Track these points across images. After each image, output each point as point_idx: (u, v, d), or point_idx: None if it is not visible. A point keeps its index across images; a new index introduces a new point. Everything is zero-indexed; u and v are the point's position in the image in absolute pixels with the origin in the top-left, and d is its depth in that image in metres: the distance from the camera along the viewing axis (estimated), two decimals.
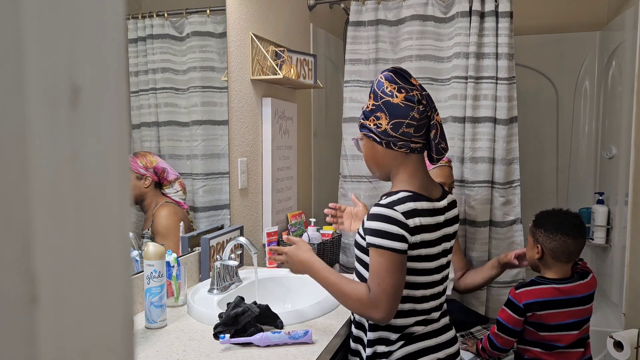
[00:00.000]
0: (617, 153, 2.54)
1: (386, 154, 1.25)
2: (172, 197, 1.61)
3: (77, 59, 0.26)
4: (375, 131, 1.24)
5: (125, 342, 0.30)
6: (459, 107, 2.20)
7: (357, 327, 1.33)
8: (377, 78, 1.27)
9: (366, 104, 1.28)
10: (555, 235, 1.61)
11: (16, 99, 0.23)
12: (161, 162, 1.58)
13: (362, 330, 1.31)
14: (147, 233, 1.54)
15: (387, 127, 1.22)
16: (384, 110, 1.22)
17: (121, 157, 0.29)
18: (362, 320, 1.31)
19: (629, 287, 2.26)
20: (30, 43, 0.24)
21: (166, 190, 1.59)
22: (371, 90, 1.26)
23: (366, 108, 1.27)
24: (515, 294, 1.63)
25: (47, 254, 0.24)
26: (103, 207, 0.28)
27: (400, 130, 1.21)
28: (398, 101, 1.21)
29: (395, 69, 1.26)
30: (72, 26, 0.26)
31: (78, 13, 0.26)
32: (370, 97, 1.26)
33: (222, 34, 1.82)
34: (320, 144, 2.74)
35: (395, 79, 1.23)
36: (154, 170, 1.54)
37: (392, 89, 1.22)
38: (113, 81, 0.28)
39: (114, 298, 0.29)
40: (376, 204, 1.20)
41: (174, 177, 1.61)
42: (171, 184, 1.60)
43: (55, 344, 0.25)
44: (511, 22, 2.16)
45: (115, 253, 0.29)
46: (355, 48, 2.38)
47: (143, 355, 1.18)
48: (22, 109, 0.23)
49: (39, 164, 0.24)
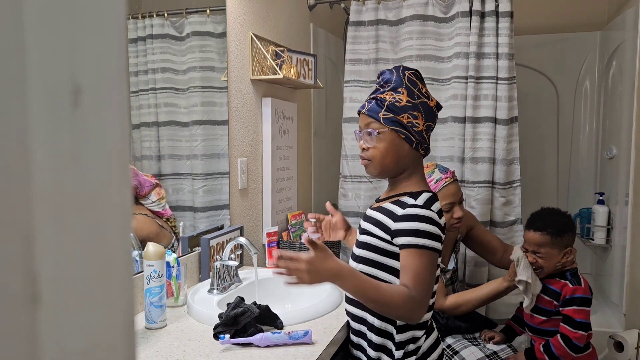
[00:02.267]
0: (617, 153, 2.54)
1: (410, 153, 1.25)
2: (150, 209, 1.56)
3: (78, 58, 0.26)
4: (411, 130, 1.23)
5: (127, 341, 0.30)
6: (459, 107, 2.20)
7: (379, 333, 1.26)
8: (405, 74, 1.24)
9: (392, 97, 1.23)
10: (575, 230, 1.73)
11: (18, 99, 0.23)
12: (135, 176, 1.51)
13: (386, 336, 1.25)
14: None
15: (423, 128, 1.24)
16: (421, 111, 1.23)
17: (122, 157, 0.29)
18: (386, 326, 1.25)
19: (629, 287, 2.26)
20: (31, 43, 0.24)
21: (143, 202, 1.55)
22: (402, 85, 1.23)
23: (396, 102, 1.22)
24: (587, 289, 1.66)
25: (48, 254, 0.24)
26: (104, 206, 0.28)
27: (429, 133, 1.27)
28: (432, 105, 1.26)
29: (418, 72, 1.29)
30: (73, 26, 0.26)
31: (79, 13, 0.26)
32: (401, 93, 1.22)
33: (222, 33, 1.82)
34: (320, 144, 2.74)
35: (423, 82, 1.28)
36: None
37: (426, 92, 1.26)
38: (114, 81, 0.28)
39: (115, 297, 0.29)
40: (412, 205, 1.20)
41: (149, 188, 1.56)
42: (146, 197, 1.55)
43: (56, 344, 0.25)
44: (511, 22, 2.17)
45: (116, 253, 0.29)
46: (356, 48, 2.38)
47: (143, 356, 1.18)
48: (24, 108, 0.23)
49: (40, 164, 0.24)
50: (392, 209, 1.24)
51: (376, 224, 1.25)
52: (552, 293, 1.69)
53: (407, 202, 1.22)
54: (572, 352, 1.61)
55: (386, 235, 1.22)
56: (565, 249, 1.68)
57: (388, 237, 1.21)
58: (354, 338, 1.34)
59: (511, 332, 1.91)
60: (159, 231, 1.60)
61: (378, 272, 1.24)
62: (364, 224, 1.32)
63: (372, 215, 1.29)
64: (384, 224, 1.22)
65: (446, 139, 2.22)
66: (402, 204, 1.22)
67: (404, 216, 1.19)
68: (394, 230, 1.20)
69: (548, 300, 1.70)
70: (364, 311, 1.28)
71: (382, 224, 1.23)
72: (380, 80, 1.28)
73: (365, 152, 1.27)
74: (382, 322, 1.25)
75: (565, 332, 1.62)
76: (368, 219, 1.31)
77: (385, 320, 1.25)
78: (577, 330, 1.61)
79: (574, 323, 1.62)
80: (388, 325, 1.25)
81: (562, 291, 1.66)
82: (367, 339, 1.28)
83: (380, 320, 1.25)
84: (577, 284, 1.66)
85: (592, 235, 2.68)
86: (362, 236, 1.30)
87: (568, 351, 1.61)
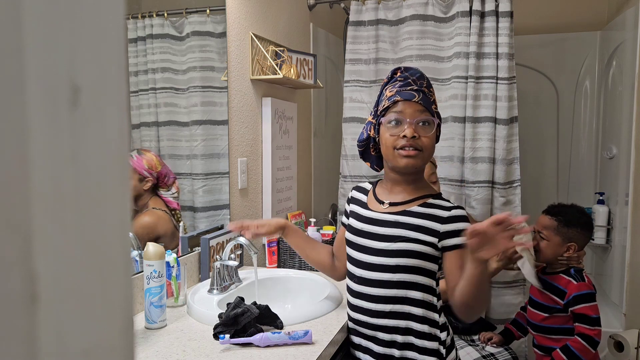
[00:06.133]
0: (617, 153, 2.53)
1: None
2: (165, 198, 1.59)
3: (78, 58, 0.26)
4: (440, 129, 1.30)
5: (126, 341, 0.30)
6: (459, 107, 2.20)
7: (429, 338, 1.23)
8: (426, 77, 1.28)
9: (429, 94, 1.26)
10: (589, 232, 1.74)
11: (16, 99, 0.23)
12: (164, 166, 1.57)
13: (434, 340, 1.23)
14: None
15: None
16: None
17: (121, 157, 0.29)
18: (435, 332, 1.24)
19: (630, 287, 2.26)
20: (30, 43, 0.24)
21: (162, 192, 1.58)
22: (430, 85, 1.28)
23: (435, 100, 1.27)
24: (590, 285, 1.68)
25: (47, 254, 0.24)
26: (103, 206, 0.28)
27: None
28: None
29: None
30: (73, 26, 0.26)
31: (78, 13, 0.26)
32: (432, 93, 1.28)
33: (222, 33, 1.82)
34: (320, 144, 2.74)
35: None
36: (157, 175, 1.54)
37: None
38: (113, 81, 0.28)
39: (115, 297, 0.29)
40: (456, 207, 1.23)
41: (172, 180, 1.61)
42: (169, 187, 1.59)
43: (55, 344, 0.25)
44: (511, 22, 2.17)
45: (115, 252, 0.29)
46: (356, 48, 2.38)
47: (143, 356, 1.18)
48: (23, 108, 0.23)
49: (39, 164, 0.24)
50: (432, 212, 1.22)
51: (418, 230, 1.21)
52: (555, 289, 1.69)
53: (443, 204, 1.24)
54: (592, 349, 1.62)
55: (433, 238, 1.20)
56: (569, 243, 1.68)
57: (435, 241, 1.20)
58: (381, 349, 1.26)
59: (510, 336, 1.91)
60: (174, 231, 1.64)
61: (419, 279, 1.22)
62: (381, 229, 1.24)
63: (402, 221, 1.23)
64: (430, 228, 1.20)
65: (446, 139, 2.22)
66: (439, 207, 1.23)
67: (452, 218, 1.21)
68: (443, 233, 1.20)
69: (550, 297, 1.70)
70: (407, 321, 1.23)
71: (426, 228, 1.20)
72: (409, 75, 1.26)
73: (415, 140, 1.20)
74: (431, 328, 1.23)
75: (585, 332, 1.62)
76: (388, 224, 1.24)
77: (431, 325, 1.23)
78: (594, 326, 1.62)
79: (590, 320, 1.62)
80: (437, 332, 1.24)
81: (567, 288, 1.66)
82: (417, 347, 1.23)
83: (427, 326, 1.23)
84: (580, 280, 1.66)
85: (592, 235, 2.68)
86: (396, 244, 1.21)
87: (590, 349, 1.62)
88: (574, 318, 1.65)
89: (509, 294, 2.19)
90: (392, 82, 1.28)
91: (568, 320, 1.68)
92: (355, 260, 1.28)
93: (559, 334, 1.69)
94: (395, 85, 1.26)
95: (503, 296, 2.19)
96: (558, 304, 1.67)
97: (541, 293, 1.72)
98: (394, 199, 1.28)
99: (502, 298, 2.19)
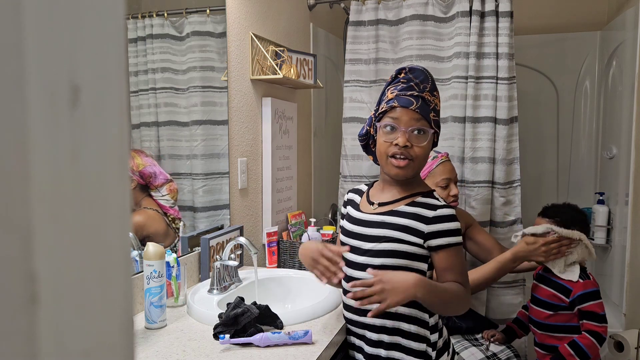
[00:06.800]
0: (617, 153, 2.53)
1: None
2: (159, 202, 1.57)
3: (78, 58, 0.26)
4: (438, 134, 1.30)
5: (126, 342, 0.30)
6: (459, 107, 2.20)
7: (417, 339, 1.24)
8: (431, 78, 1.26)
9: (432, 99, 1.25)
10: (587, 229, 1.75)
11: (16, 99, 0.23)
12: (150, 166, 1.53)
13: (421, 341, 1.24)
14: None
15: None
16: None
17: (121, 157, 0.29)
18: (424, 333, 1.24)
19: (630, 287, 2.26)
20: (30, 43, 0.24)
21: (153, 194, 1.56)
22: (435, 89, 1.25)
23: (435, 105, 1.25)
24: (595, 282, 1.68)
25: (47, 254, 0.24)
26: (103, 206, 0.28)
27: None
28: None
29: None
30: (73, 26, 0.26)
31: (78, 13, 0.26)
32: (436, 97, 1.26)
33: (222, 33, 1.82)
34: (320, 144, 2.74)
35: None
36: (140, 174, 1.51)
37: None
38: (113, 81, 0.28)
39: (115, 298, 0.29)
40: (442, 206, 1.22)
41: (163, 181, 1.57)
42: (158, 189, 1.55)
43: (55, 344, 0.25)
44: (511, 22, 2.16)
45: (115, 253, 0.29)
46: (355, 48, 2.38)
47: (143, 356, 1.18)
48: (23, 108, 0.23)
49: (39, 164, 0.24)
50: (417, 212, 1.21)
51: (403, 230, 1.21)
52: (560, 287, 1.69)
53: (431, 202, 1.22)
54: (599, 345, 1.63)
55: (418, 239, 1.20)
56: None
57: (420, 241, 1.20)
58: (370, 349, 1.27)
59: (511, 334, 1.91)
60: (167, 230, 1.62)
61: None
62: (368, 230, 1.26)
63: (387, 221, 1.23)
64: (415, 228, 1.20)
65: (446, 139, 2.22)
66: (427, 205, 1.22)
67: (437, 218, 1.19)
68: (428, 233, 1.19)
69: (555, 295, 1.70)
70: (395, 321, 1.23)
71: (411, 228, 1.20)
72: (413, 77, 1.24)
73: (407, 149, 1.20)
74: (419, 328, 1.24)
75: (593, 328, 1.63)
76: (375, 225, 1.25)
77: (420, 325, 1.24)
78: (602, 323, 1.63)
79: (598, 317, 1.63)
80: (426, 333, 1.25)
81: (572, 286, 1.66)
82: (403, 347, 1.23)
83: (415, 326, 1.24)
84: (586, 278, 1.67)
85: (592, 235, 2.67)
86: (381, 244, 1.22)
87: (598, 346, 1.62)
88: (581, 316, 1.65)
89: (509, 294, 2.19)
90: (394, 83, 1.27)
91: (572, 318, 1.68)
92: (346, 260, 1.29)
93: (562, 332, 1.69)
94: (397, 87, 1.25)
95: (503, 296, 2.19)
96: (563, 301, 1.68)
97: (545, 291, 1.72)
98: (383, 198, 1.29)
99: (502, 298, 2.19)
